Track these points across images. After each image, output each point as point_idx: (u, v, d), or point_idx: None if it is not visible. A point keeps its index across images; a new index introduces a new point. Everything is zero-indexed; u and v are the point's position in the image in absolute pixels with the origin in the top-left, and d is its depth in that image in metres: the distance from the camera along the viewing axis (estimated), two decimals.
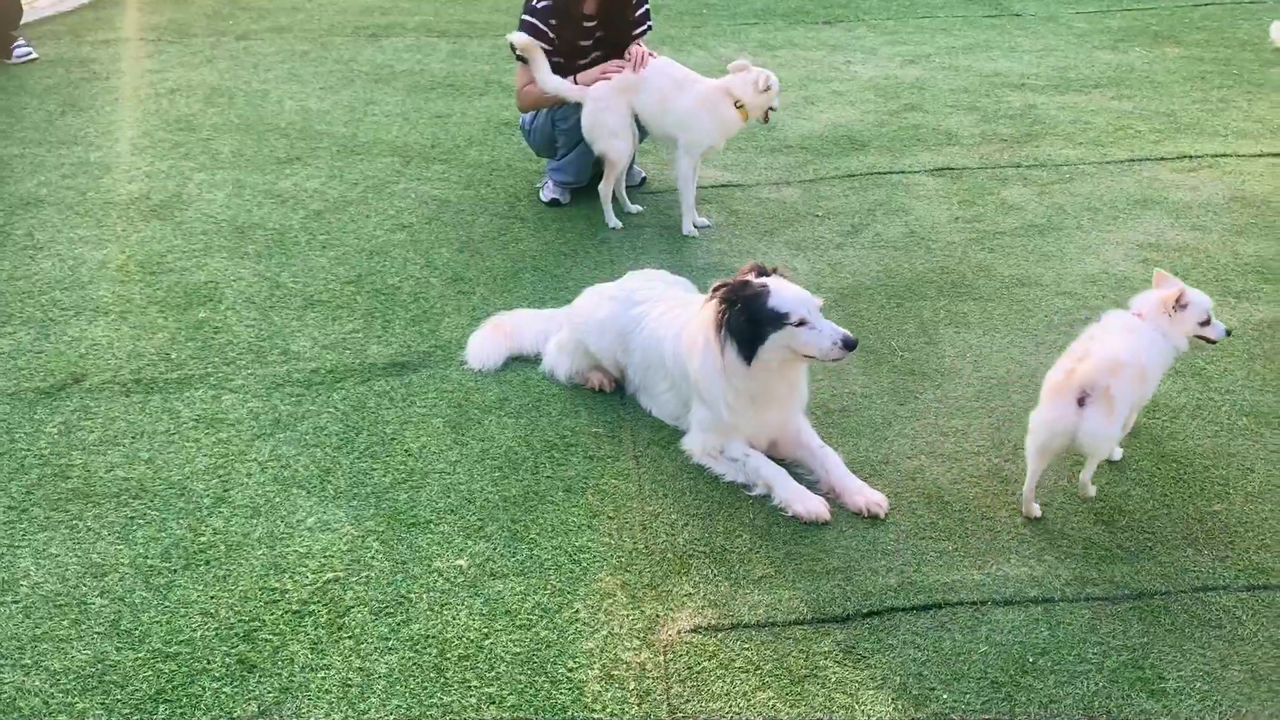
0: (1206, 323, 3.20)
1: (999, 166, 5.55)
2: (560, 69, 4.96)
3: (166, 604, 2.80)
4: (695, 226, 4.90)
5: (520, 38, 4.83)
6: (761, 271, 3.24)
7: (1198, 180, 5.37)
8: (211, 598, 2.82)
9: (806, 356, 3.15)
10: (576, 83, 4.87)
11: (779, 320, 3.08)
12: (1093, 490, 3.12)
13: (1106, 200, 5.15)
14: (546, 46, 4.89)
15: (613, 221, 4.93)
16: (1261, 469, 3.28)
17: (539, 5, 4.87)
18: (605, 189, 4.96)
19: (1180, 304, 3.15)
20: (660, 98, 4.77)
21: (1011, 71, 7.12)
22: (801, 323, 3.08)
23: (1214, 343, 3.29)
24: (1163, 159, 5.64)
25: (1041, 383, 3.06)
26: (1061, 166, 5.56)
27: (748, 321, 3.10)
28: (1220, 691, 2.52)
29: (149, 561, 2.94)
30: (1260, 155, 5.65)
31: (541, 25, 4.88)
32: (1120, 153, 5.72)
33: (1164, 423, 3.50)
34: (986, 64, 7.30)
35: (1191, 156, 5.66)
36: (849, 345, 3.09)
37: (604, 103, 4.77)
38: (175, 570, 2.91)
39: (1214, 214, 5.00)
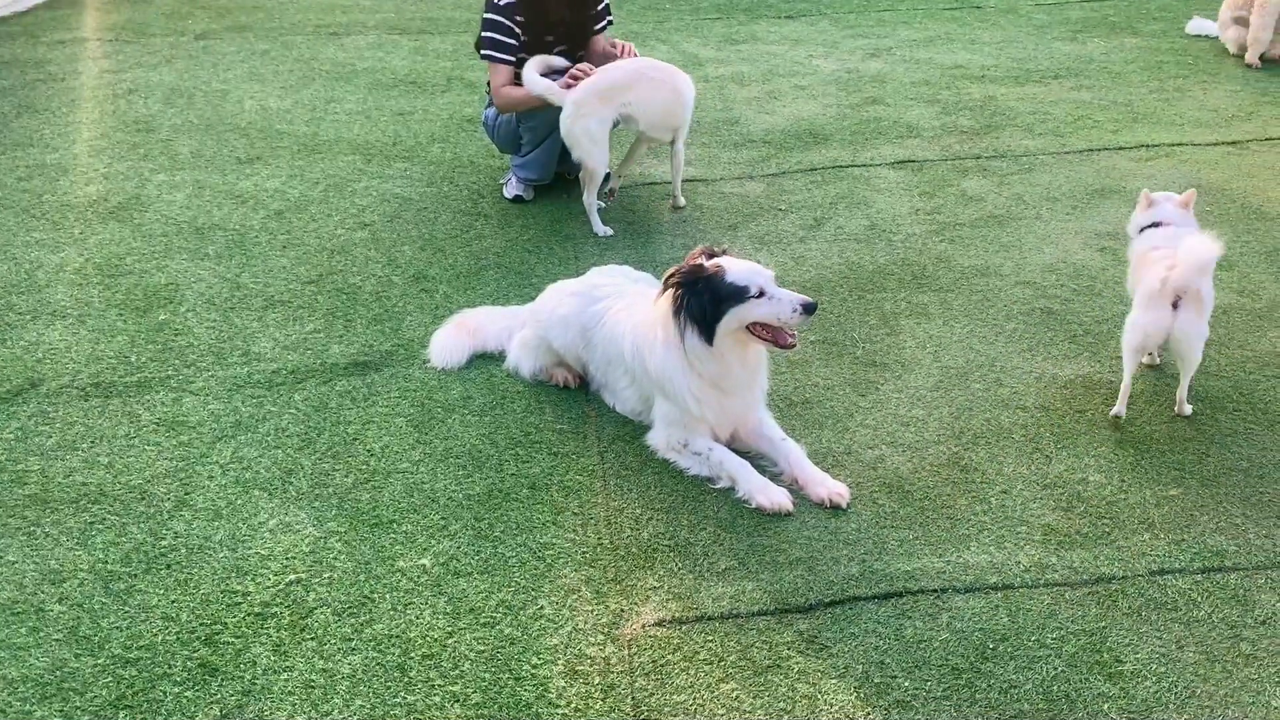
0: None
1: (959, 158, 5.59)
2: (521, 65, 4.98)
3: (126, 609, 2.77)
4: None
5: (539, 84, 4.71)
6: (711, 254, 3.26)
7: (1155, 169, 5.43)
8: (172, 602, 2.80)
9: (766, 333, 3.17)
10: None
11: (739, 295, 3.12)
12: (1189, 409, 3.44)
13: (1065, 190, 5.21)
14: (513, 42, 4.89)
15: (601, 229, 4.80)
16: (1216, 454, 3.33)
17: (502, 3, 4.87)
18: (590, 199, 4.83)
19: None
20: (652, 95, 4.73)
21: (972, 63, 7.17)
22: (760, 294, 3.12)
23: None
24: (1121, 148, 5.70)
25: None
26: (1021, 157, 5.61)
27: (709, 301, 3.13)
28: (1176, 673, 2.56)
29: (108, 566, 2.91)
30: (1215, 144, 5.72)
31: (508, 22, 4.87)
32: (1079, 143, 5.78)
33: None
34: (947, 56, 7.35)
35: (1149, 146, 5.73)
36: (809, 309, 3.12)
37: (586, 107, 4.63)
38: (135, 575, 2.89)
39: None
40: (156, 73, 7.02)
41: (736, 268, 3.17)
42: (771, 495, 3.12)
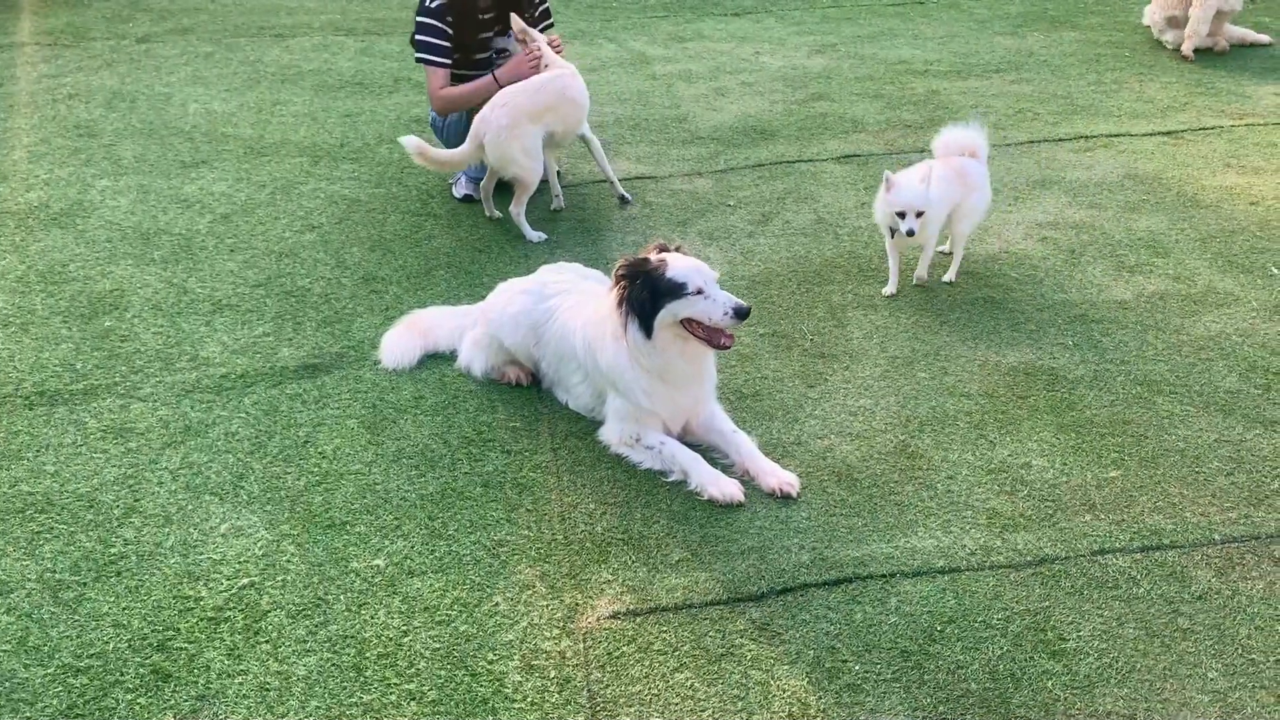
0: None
1: (904, 152, 5.67)
2: (461, 65, 5.00)
3: (76, 618, 2.75)
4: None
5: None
6: (664, 249, 3.29)
7: (1093, 160, 5.55)
8: (124, 609, 2.78)
9: (701, 331, 3.21)
10: (497, 80, 4.89)
11: (676, 291, 3.16)
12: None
13: (1007, 181, 5.30)
14: (446, 44, 4.93)
15: (533, 235, 4.76)
16: (1154, 435, 3.42)
17: (433, 5, 4.89)
18: (517, 210, 4.75)
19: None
20: (571, 112, 4.78)
21: (915, 58, 7.27)
22: (698, 291, 3.15)
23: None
24: (1060, 140, 5.81)
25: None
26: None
27: (648, 295, 3.17)
28: (1117, 649, 2.64)
29: (57, 576, 2.88)
30: (1151, 134, 5.86)
31: (439, 24, 4.90)
32: (1020, 135, 5.89)
33: (1063, 394, 3.62)
34: (891, 52, 7.44)
35: (1087, 137, 5.85)
36: (739, 313, 3.16)
37: (519, 129, 4.58)
38: (85, 583, 2.86)
39: (1109, 192, 5.18)
40: (97, 77, 6.92)
41: (679, 264, 3.20)
42: (723, 487, 3.16)
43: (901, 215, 3.98)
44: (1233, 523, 3.04)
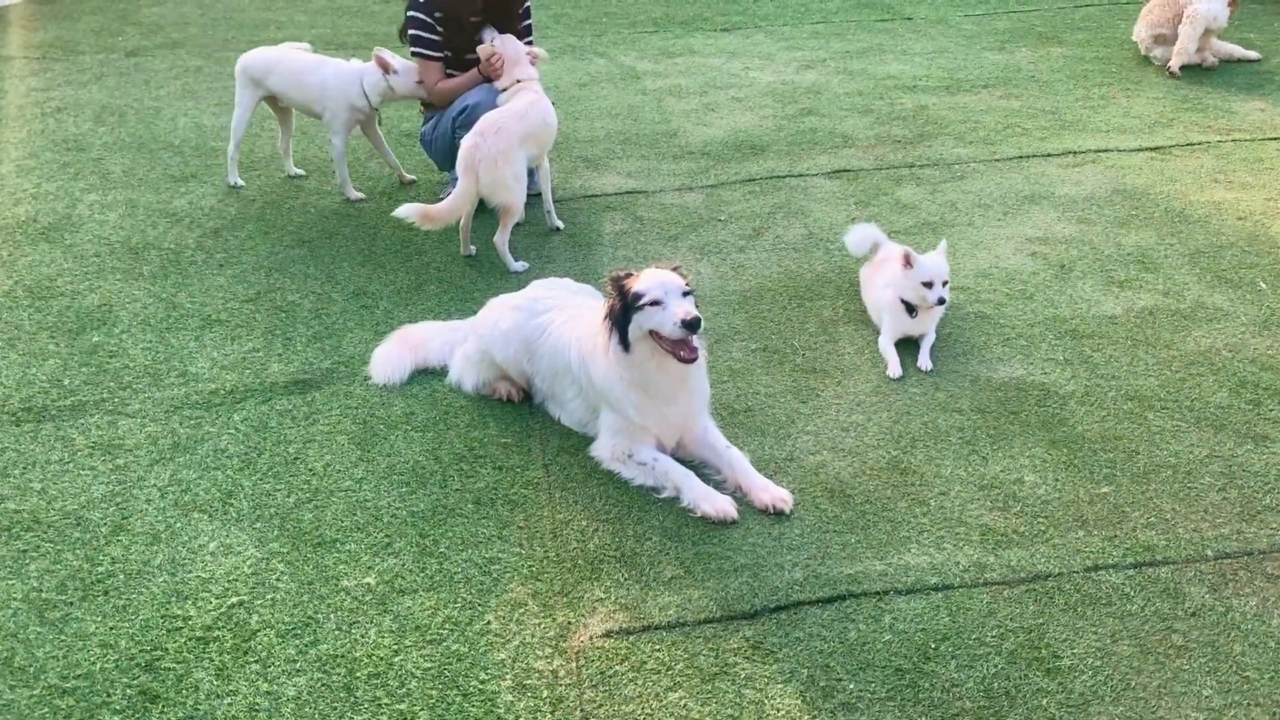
0: None
1: (893, 167, 5.69)
2: (452, 64, 5.11)
3: (63, 638, 2.72)
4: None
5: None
6: (675, 269, 3.27)
7: (1082, 175, 5.57)
8: (111, 628, 2.75)
9: (666, 344, 3.18)
10: (481, 73, 4.94)
11: (636, 301, 3.16)
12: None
13: (996, 197, 5.32)
14: (436, 38, 5.00)
15: (516, 266, 4.65)
16: (1145, 450, 3.42)
17: (421, 1, 4.98)
18: (502, 239, 4.62)
19: None
20: (546, 136, 4.81)
21: (904, 74, 7.30)
22: (655, 303, 3.15)
23: None
24: (1049, 155, 5.84)
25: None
26: (953, 165, 5.73)
27: (621, 308, 3.18)
28: (1111, 666, 2.63)
29: (44, 595, 2.85)
30: (1139, 150, 5.89)
31: (428, 19, 4.98)
32: (1009, 150, 5.91)
33: (1055, 409, 3.63)
34: (880, 67, 7.47)
35: (1076, 152, 5.87)
36: (687, 324, 3.11)
37: (510, 154, 4.49)
38: (72, 603, 2.83)
39: (1098, 207, 5.20)
40: (86, 90, 6.90)
41: (647, 277, 3.20)
42: (716, 503, 3.15)
43: (929, 285, 3.85)
44: (1225, 538, 3.04)
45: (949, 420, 3.58)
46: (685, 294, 3.17)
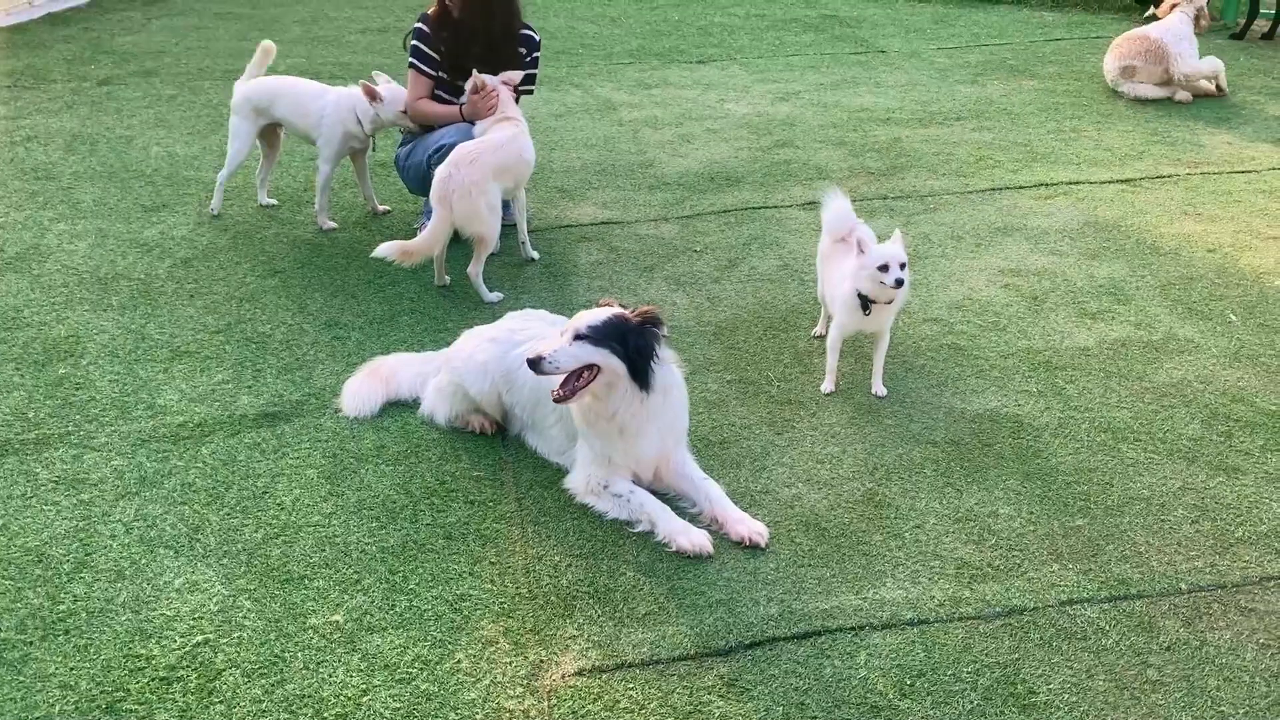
0: None
1: (867, 199, 5.72)
2: (446, 86, 5.14)
3: (21, 679, 2.65)
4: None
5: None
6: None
7: (1054, 207, 5.62)
8: (71, 669, 2.69)
9: None
10: (463, 115, 4.98)
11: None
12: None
13: (969, 228, 5.36)
14: (435, 58, 5.07)
15: (490, 297, 4.63)
16: (1119, 483, 3.43)
17: (431, 26, 5.08)
18: (476, 271, 4.61)
19: None
20: (523, 170, 4.83)
21: (878, 106, 7.36)
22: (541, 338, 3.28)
23: None
24: (1021, 187, 5.89)
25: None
26: (926, 197, 5.76)
27: None
28: (1088, 701, 2.61)
29: (1, 635, 2.78)
30: (1110, 182, 5.95)
31: (433, 39, 5.07)
32: (981, 182, 5.96)
33: (1028, 442, 3.63)
34: (854, 99, 7.53)
35: (1048, 184, 5.93)
36: (529, 363, 3.18)
37: (485, 185, 4.48)
38: (31, 642, 2.77)
39: (1070, 239, 5.24)
40: (57, 119, 6.85)
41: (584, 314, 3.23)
42: (693, 537, 3.12)
43: (885, 269, 3.67)
44: (1199, 571, 3.04)
45: (923, 452, 3.58)
46: (579, 336, 3.13)
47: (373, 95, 5.01)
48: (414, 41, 5.14)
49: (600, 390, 3.20)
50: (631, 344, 3.14)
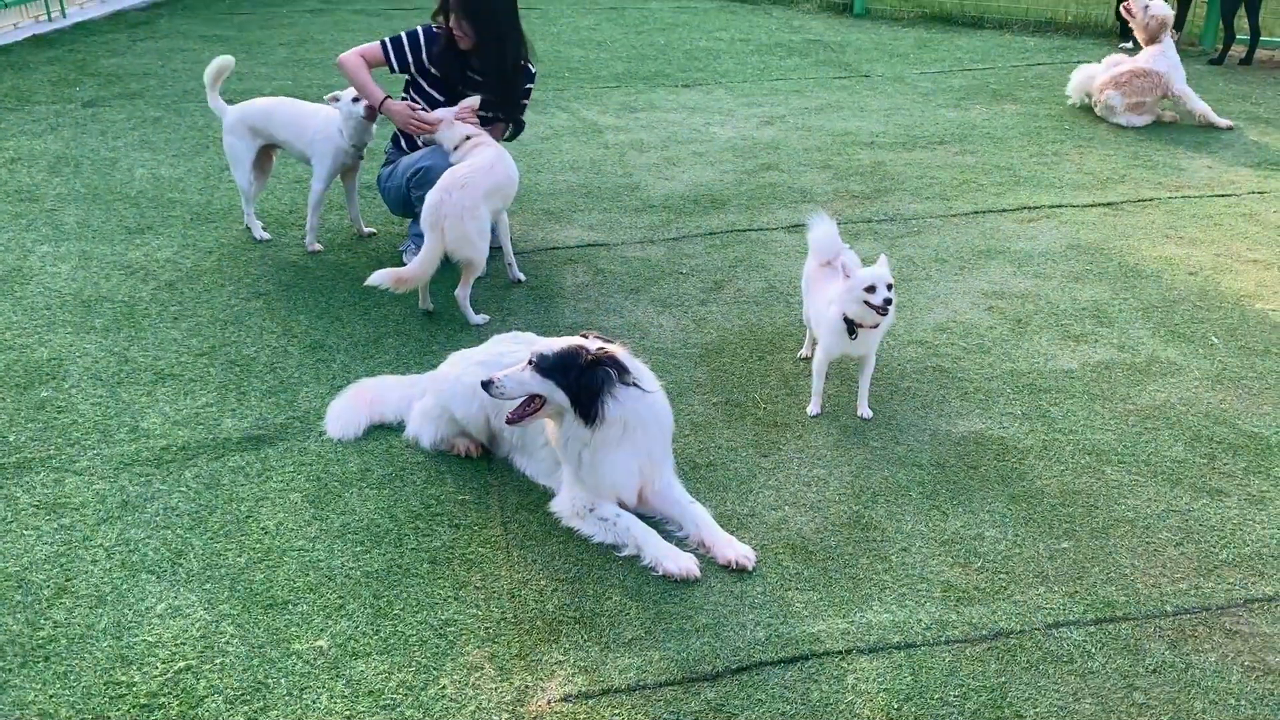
0: None
1: (851, 222, 5.74)
2: (437, 103, 5.10)
3: (1, 706, 2.62)
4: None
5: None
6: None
7: (1037, 230, 5.66)
8: (51, 696, 2.66)
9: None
10: (382, 105, 4.95)
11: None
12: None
13: (953, 251, 5.39)
14: (406, 59, 5.04)
15: (476, 319, 4.62)
16: (1104, 505, 3.44)
17: (435, 48, 5.01)
18: (463, 294, 4.62)
19: None
20: (510, 191, 4.84)
21: (861, 130, 7.41)
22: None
23: None
24: (1004, 211, 5.93)
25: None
26: (910, 220, 5.80)
27: None
28: None
29: None
30: (1092, 205, 5.99)
31: (422, 53, 5.03)
32: (964, 205, 6.00)
33: (1013, 464, 3.64)
34: (838, 123, 7.58)
35: (1030, 208, 5.97)
36: (481, 381, 3.28)
37: (476, 209, 4.46)
38: (10, 669, 2.73)
39: (1053, 262, 5.27)
40: (41, 141, 6.83)
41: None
42: (680, 561, 3.11)
43: (872, 290, 3.64)
44: (1184, 594, 3.05)
45: (909, 475, 3.58)
46: (530, 363, 3.21)
47: (337, 99, 5.05)
48: (407, 33, 5.03)
49: (554, 417, 3.27)
50: (574, 379, 3.16)
